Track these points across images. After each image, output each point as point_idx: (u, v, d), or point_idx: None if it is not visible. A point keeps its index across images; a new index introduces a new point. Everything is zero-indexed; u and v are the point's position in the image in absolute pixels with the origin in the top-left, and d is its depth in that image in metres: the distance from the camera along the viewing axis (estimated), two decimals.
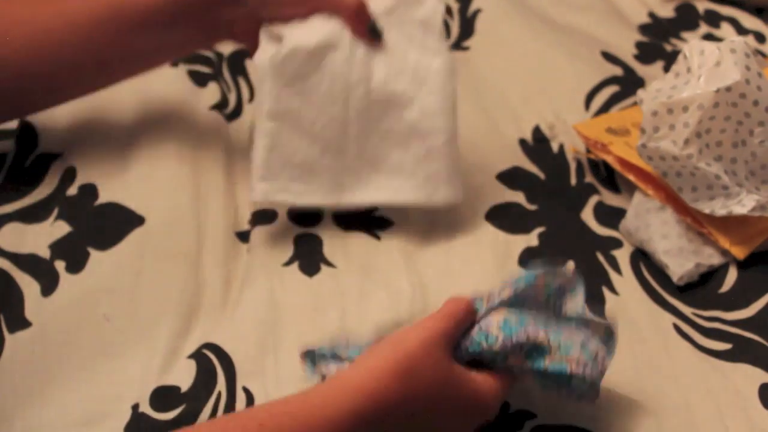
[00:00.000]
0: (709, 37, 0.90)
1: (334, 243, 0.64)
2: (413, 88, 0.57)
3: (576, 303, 0.48)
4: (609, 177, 0.73)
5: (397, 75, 0.57)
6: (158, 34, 0.59)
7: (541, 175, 0.73)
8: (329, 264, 0.63)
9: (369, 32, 0.56)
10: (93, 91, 0.66)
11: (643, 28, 0.91)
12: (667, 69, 0.84)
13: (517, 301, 0.47)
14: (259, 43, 0.59)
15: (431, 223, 0.66)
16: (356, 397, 0.40)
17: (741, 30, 0.91)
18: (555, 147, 0.75)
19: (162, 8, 0.57)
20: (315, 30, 0.57)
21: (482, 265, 0.63)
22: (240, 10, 0.58)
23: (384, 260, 0.63)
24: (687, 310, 0.61)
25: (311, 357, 0.47)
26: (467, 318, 0.46)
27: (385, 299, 0.59)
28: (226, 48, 0.86)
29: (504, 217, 0.68)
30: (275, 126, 0.59)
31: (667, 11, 0.94)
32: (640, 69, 0.84)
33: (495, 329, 0.45)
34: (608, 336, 0.49)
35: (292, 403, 0.40)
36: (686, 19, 0.93)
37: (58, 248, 0.62)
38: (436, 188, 0.61)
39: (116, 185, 0.67)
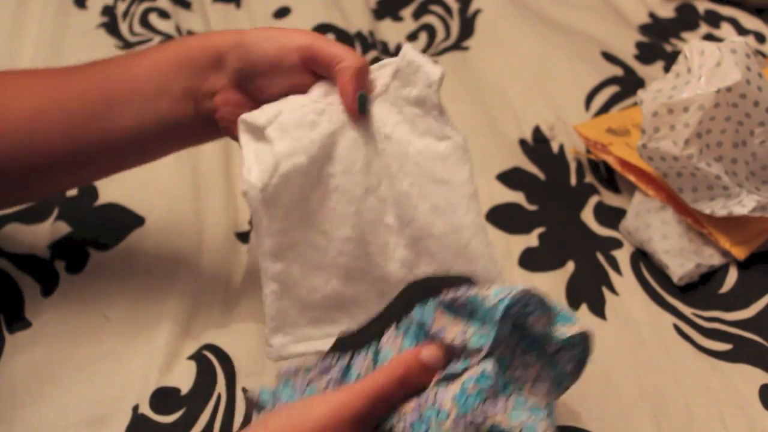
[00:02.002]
0: (709, 37, 0.90)
1: None
2: (420, 183, 0.47)
3: (543, 324, 0.41)
4: (609, 177, 0.73)
5: (399, 172, 0.47)
6: (142, 105, 0.50)
7: (541, 176, 0.73)
8: None
9: (358, 103, 0.47)
10: (78, 182, 0.61)
11: (644, 29, 0.91)
12: (667, 69, 0.84)
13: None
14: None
15: None
16: None
17: (741, 30, 0.91)
18: (555, 147, 0.75)
19: (145, 77, 0.50)
20: (303, 130, 0.46)
21: None
22: (220, 81, 0.50)
23: None
24: (687, 311, 0.61)
25: (254, 405, 0.42)
26: (408, 388, 0.39)
27: None
28: None
29: (504, 217, 0.68)
30: (282, 267, 0.47)
31: (667, 11, 0.94)
32: (641, 69, 0.84)
33: (448, 402, 0.38)
34: (583, 349, 0.43)
35: None
36: (686, 19, 0.93)
37: (58, 248, 0.62)
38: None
39: (116, 185, 0.67)
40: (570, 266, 0.64)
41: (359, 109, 0.47)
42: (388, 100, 0.48)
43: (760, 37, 0.89)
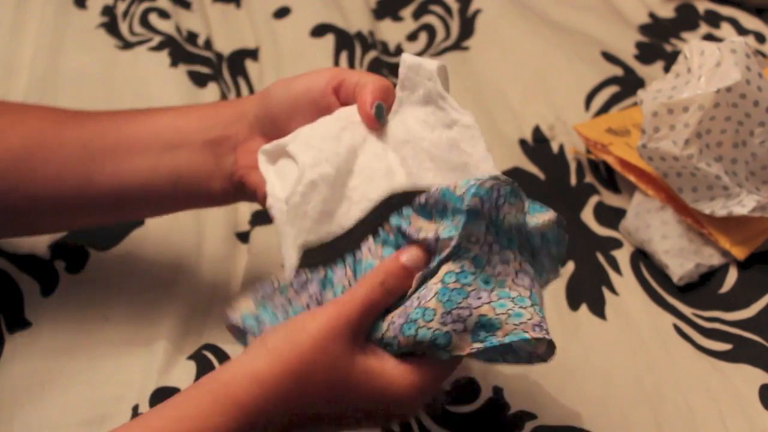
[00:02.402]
0: (709, 37, 0.90)
1: None
2: (437, 174, 0.46)
3: (516, 211, 0.41)
4: (609, 177, 0.73)
5: (419, 170, 0.45)
6: (158, 153, 0.49)
7: (541, 176, 0.73)
8: None
9: (375, 112, 0.46)
10: (87, 223, 0.57)
11: (644, 28, 0.91)
12: (667, 69, 0.84)
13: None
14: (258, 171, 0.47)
15: None
16: (236, 414, 0.36)
17: (741, 30, 0.91)
18: (555, 147, 0.75)
19: (164, 125, 0.49)
20: (327, 143, 0.45)
21: None
22: (243, 131, 0.49)
23: None
24: (687, 311, 0.61)
25: (239, 333, 0.42)
26: (392, 292, 0.40)
27: None
28: (226, 48, 0.86)
29: None
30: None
31: (667, 11, 0.94)
32: (641, 69, 0.84)
33: (432, 301, 0.39)
34: (558, 228, 0.44)
35: (167, 415, 0.37)
36: (686, 19, 0.93)
37: (58, 248, 0.62)
38: None
39: None
40: (570, 266, 0.64)
41: (376, 116, 0.45)
42: (401, 112, 0.47)
43: (760, 37, 0.89)
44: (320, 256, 0.43)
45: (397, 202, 0.42)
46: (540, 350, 0.41)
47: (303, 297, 0.41)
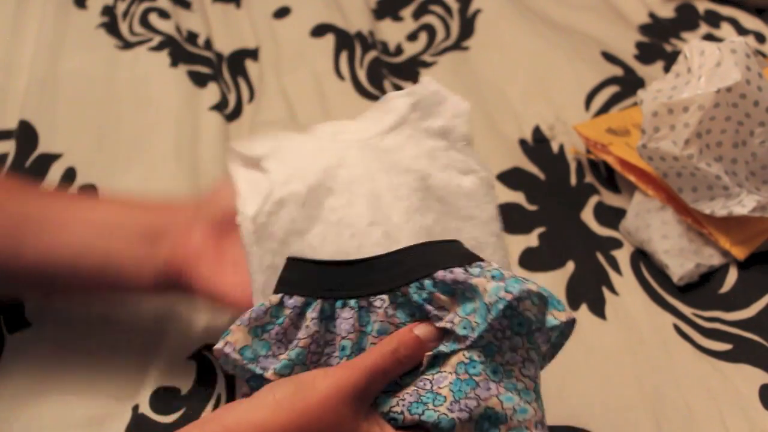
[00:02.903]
0: (709, 37, 0.90)
1: None
2: (443, 219, 0.44)
3: (537, 311, 0.40)
4: (609, 177, 0.73)
5: (419, 207, 0.44)
6: (91, 235, 0.48)
7: (541, 176, 0.73)
8: None
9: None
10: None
11: (644, 28, 0.91)
12: (667, 69, 0.84)
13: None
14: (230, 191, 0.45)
15: None
16: None
17: (741, 30, 0.91)
18: (555, 147, 0.75)
19: (102, 208, 0.48)
20: (301, 161, 0.44)
21: None
22: (181, 219, 0.48)
23: None
24: (687, 311, 0.61)
25: (229, 362, 0.40)
26: (403, 363, 0.39)
27: None
28: (226, 48, 0.86)
29: (504, 217, 0.68)
30: None
31: (667, 11, 0.94)
32: (641, 69, 0.84)
33: (445, 389, 0.39)
34: (559, 333, 0.42)
35: None
36: (686, 19, 0.93)
37: None
38: None
39: (116, 185, 0.67)
40: (570, 266, 0.64)
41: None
42: (405, 132, 0.45)
43: (760, 37, 0.89)
44: (316, 276, 0.41)
45: (413, 258, 0.41)
46: None
47: (301, 333, 0.40)
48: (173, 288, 0.48)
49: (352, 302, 0.41)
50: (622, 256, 0.65)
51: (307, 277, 0.41)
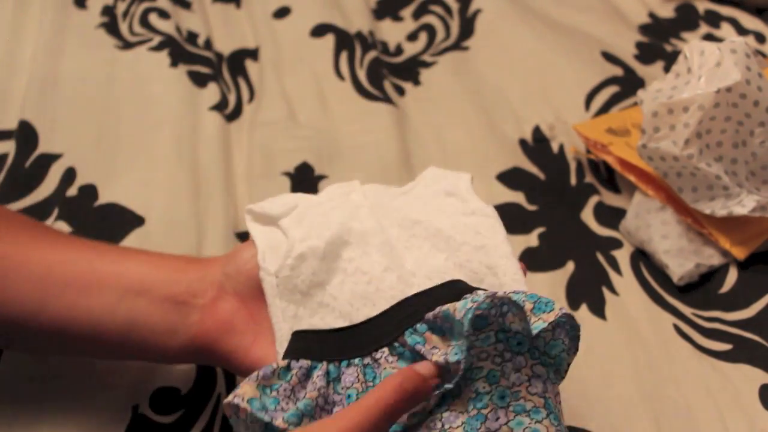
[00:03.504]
0: (709, 37, 0.90)
1: None
2: (454, 255, 0.46)
3: (519, 320, 0.41)
4: (609, 177, 0.73)
5: (431, 249, 0.47)
6: (115, 297, 0.46)
7: (541, 176, 0.73)
8: None
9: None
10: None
11: (643, 29, 0.91)
12: (667, 69, 0.84)
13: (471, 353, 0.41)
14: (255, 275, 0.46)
15: None
16: None
17: (741, 30, 0.91)
18: (555, 147, 0.75)
19: (126, 267, 0.47)
20: (318, 218, 0.47)
21: None
22: (211, 290, 0.47)
23: None
24: (687, 311, 0.61)
25: (236, 415, 0.40)
26: (411, 396, 0.39)
27: None
28: (226, 48, 0.86)
29: (504, 218, 0.68)
30: None
31: (667, 11, 0.94)
32: (641, 69, 0.84)
33: (459, 429, 0.40)
34: (571, 326, 0.42)
35: None
36: (686, 19, 0.93)
37: None
38: None
39: (116, 185, 0.67)
40: (570, 266, 0.64)
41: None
42: (413, 196, 0.49)
43: (760, 37, 0.89)
44: (326, 350, 0.42)
45: (408, 308, 0.43)
46: None
47: (309, 388, 0.41)
48: (200, 359, 0.47)
49: (356, 360, 0.42)
50: (622, 256, 0.65)
51: (312, 346, 0.43)
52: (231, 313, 0.46)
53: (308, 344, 0.43)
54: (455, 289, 0.43)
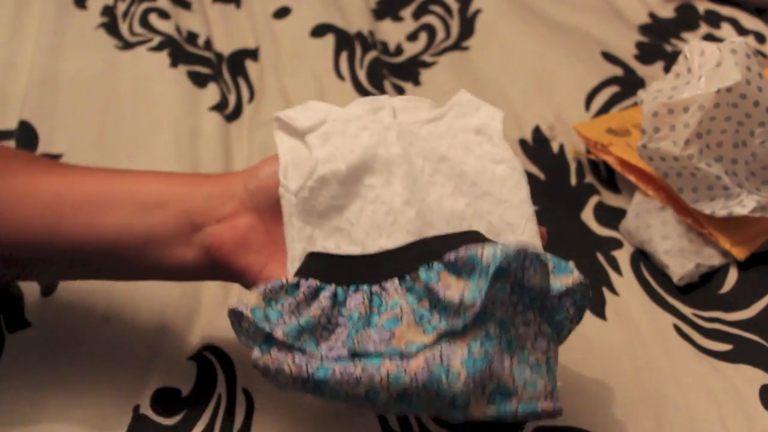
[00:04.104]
0: (709, 37, 0.90)
1: None
2: (476, 203, 0.46)
3: (540, 277, 0.41)
4: (609, 177, 0.73)
5: (453, 192, 0.46)
6: (130, 211, 0.46)
7: (541, 176, 0.73)
8: None
9: None
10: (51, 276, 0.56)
11: (644, 29, 0.91)
12: (667, 69, 0.84)
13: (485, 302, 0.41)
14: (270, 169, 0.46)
15: None
16: None
17: (741, 30, 0.91)
18: (555, 147, 0.75)
19: (142, 182, 0.47)
20: (344, 139, 0.46)
21: None
22: (230, 206, 0.46)
23: None
24: (687, 311, 0.61)
25: (238, 323, 0.42)
26: None
27: None
28: (226, 48, 0.86)
29: None
30: None
31: (667, 11, 0.94)
32: (641, 69, 0.84)
33: (458, 363, 0.39)
34: (581, 296, 0.43)
35: None
36: (686, 19, 0.93)
37: None
38: None
39: None
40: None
41: None
42: (442, 126, 0.48)
43: (760, 37, 0.89)
44: (338, 274, 0.43)
45: (425, 247, 0.43)
46: (547, 413, 0.42)
47: (314, 307, 0.41)
48: (218, 274, 0.47)
49: (365, 287, 0.42)
50: (623, 256, 0.65)
51: (324, 268, 0.43)
52: (248, 229, 0.45)
53: (320, 266, 0.43)
54: (474, 240, 0.43)
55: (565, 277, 0.42)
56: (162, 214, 0.45)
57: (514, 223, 0.46)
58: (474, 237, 0.44)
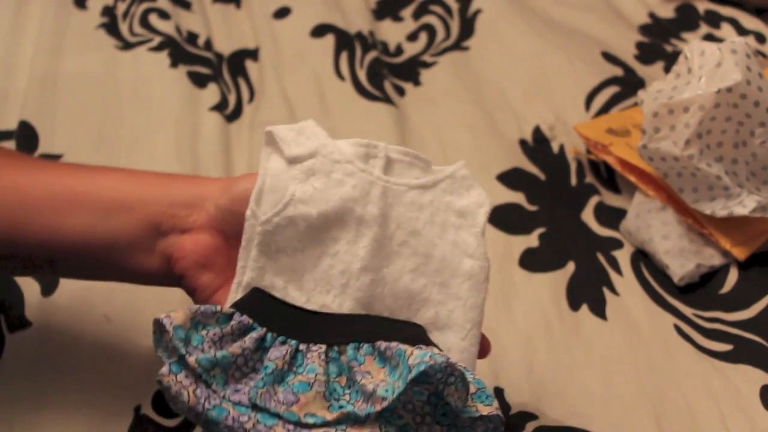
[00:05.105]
0: (709, 37, 0.90)
1: None
2: (432, 289, 0.45)
3: (457, 398, 0.40)
4: (609, 177, 0.73)
5: (414, 270, 0.45)
6: (95, 215, 0.45)
7: (542, 176, 0.73)
8: None
9: None
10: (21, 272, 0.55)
11: (644, 29, 0.91)
12: (667, 69, 0.84)
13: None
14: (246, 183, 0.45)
15: None
16: None
17: (741, 30, 0.91)
18: (555, 147, 0.75)
19: (108, 185, 0.46)
20: (326, 182, 0.45)
21: None
22: (196, 218, 0.46)
23: None
24: (687, 311, 0.61)
25: (158, 334, 0.40)
26: None
27: None
28: (226, 48, 0.86)
29: (504, 218, 0.68)
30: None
31: (667, 12, 0.94)
32: (641, 69, 0.84)
33: None
34: (494, 427, 0.41)
35: None
36: (686, 19, 0.93)
37: None
38: None
39: None
40: (570, 266, 0.64)
41: None
42: (428, 197, 0.47)
43: (760, 38, 0.89)
44: (269, 320, 0.42)
45: (366, 325, 0.42)
46: None
47: (236, 345, 0.40)
48: (174, 283, 0.46)
49: (293, 342, 0.41)
50: (623, 256, 0.65)
51: (262, 309, 0.42)
52: (211, 249, 0.45)
53: (260, 305, 0.42)
54: (416, 337, 0.42)
55: (482, 405, 0.41)
56: (126, 218, 0.45)
57: (459, 324, 0.45)
58: (415, 332, 0.43)
